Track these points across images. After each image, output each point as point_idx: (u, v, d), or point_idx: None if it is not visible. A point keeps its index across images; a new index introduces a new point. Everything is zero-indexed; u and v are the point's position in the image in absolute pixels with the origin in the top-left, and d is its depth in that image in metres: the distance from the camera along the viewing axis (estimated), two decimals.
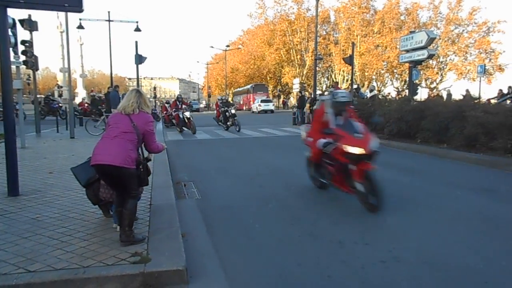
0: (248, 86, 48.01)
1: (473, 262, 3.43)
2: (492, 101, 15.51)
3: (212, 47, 67.48)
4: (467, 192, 5.91)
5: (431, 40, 13.29)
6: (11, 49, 8.73)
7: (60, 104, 24.38)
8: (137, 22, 23.29)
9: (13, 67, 10.61)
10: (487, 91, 48.21)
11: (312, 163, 6.06)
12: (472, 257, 3.52)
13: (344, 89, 18.32)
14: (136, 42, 14.78)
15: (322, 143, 5.44)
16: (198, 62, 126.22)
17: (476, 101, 10.53)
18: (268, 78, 53.77)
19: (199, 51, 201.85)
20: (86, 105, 25.48)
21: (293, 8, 45.09)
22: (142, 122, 3.61)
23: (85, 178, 4.11)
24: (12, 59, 9.42)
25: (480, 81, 24.02)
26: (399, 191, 6.04)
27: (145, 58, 15.51)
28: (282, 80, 49.99)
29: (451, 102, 12.24)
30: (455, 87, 54.17)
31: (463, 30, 37.65)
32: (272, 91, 56.62)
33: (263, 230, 4.29)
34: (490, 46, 35.78)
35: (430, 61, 34.33)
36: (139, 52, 14.81)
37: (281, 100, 55.97)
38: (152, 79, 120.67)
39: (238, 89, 55.38)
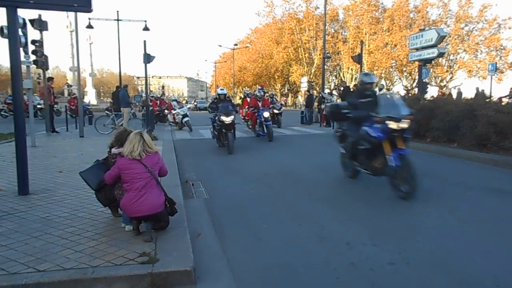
0: None
1: (485, 264, 3.37)
2: (504, 99, 15.26)
3: (220, 45, 67.82)
4: (478, 192, 5.82)
5: (441, 38, 13.10)
6: (21, 48, 8.84)
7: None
8: (145, 21, 23.44)
9: (24, 66, 10.74)
10: (497, 90, 47.41)
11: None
12: (483, 260, 3.46)
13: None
14: (145, 41, 14.81)
15: None
16: (206, 60, 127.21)
17: (487, 99, 10.34)
18: (276, 77, 53.64)
19: (207, 49, 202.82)
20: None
21: (301, 7, 44.96)
22: (153, 163, 3.81)
23: (96, 182, 4.10)
24: (22, 58, 9.54)
25: (491, 79, 23.67)
26: None
27: (154, 57, 15.57)
28: (290, 78, 49.84)
29: (461, 100, 12.08)
30: (465, 85, 53.36)
31: (473, 28, 37.12)
32: (280, 90, 56.45)
33: (271, 231, 4.28)
34: (500, 43, 35.20)
35: (440, 59, 33.88)
36: (147, 51, 14.86)
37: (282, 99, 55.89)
38: (160, 77, 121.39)
39: None
